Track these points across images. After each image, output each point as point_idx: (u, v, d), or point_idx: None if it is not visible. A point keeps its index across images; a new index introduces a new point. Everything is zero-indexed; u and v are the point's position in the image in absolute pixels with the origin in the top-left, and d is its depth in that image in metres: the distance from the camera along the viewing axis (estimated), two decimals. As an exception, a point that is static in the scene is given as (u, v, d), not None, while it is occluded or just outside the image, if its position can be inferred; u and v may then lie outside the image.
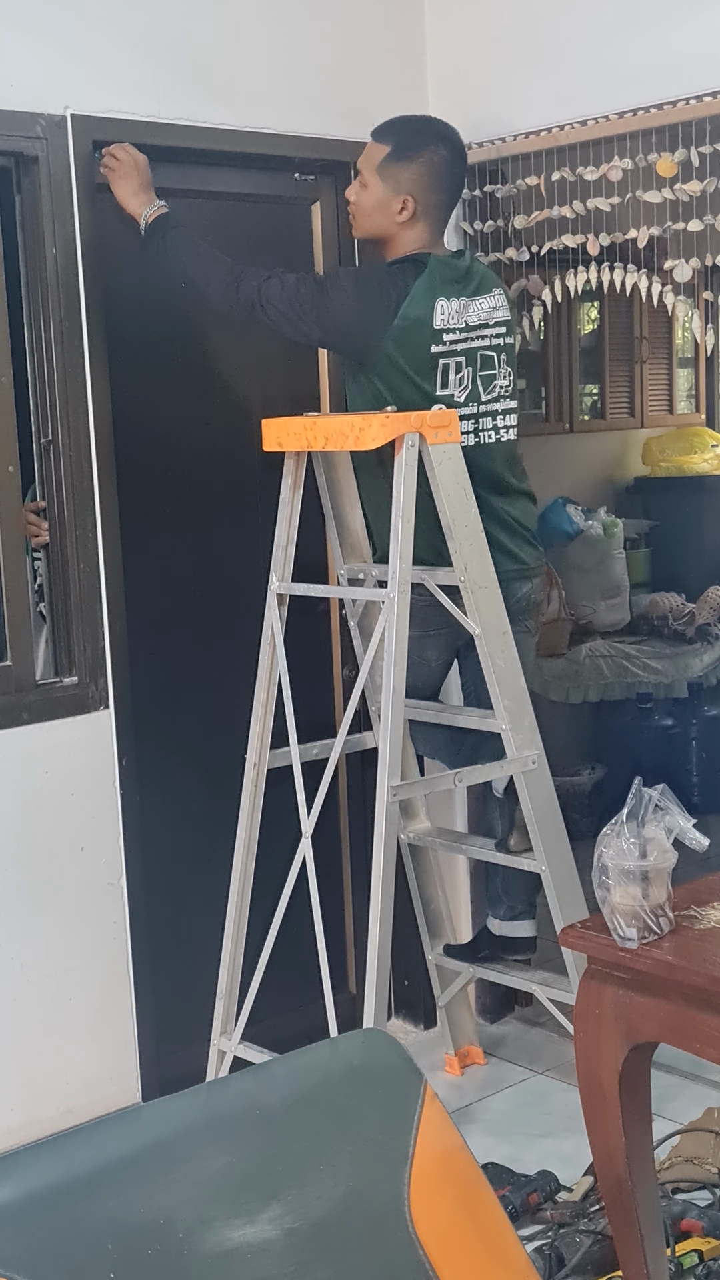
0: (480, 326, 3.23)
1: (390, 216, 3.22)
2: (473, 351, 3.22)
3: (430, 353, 3.15)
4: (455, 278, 3.20)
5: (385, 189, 3.21)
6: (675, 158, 3.23)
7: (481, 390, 3.25)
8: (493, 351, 3.26)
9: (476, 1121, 3.46)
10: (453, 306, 3.16)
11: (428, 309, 3.13)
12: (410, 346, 3.14)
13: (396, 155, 3.20)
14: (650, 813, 2.32)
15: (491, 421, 3.28)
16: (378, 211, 3.24)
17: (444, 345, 3.17)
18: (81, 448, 3.18)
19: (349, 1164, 1.57)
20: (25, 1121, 3.18)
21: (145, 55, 3.23)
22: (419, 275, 3.14)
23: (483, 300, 3.25)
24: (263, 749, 3.29)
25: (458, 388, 3.20)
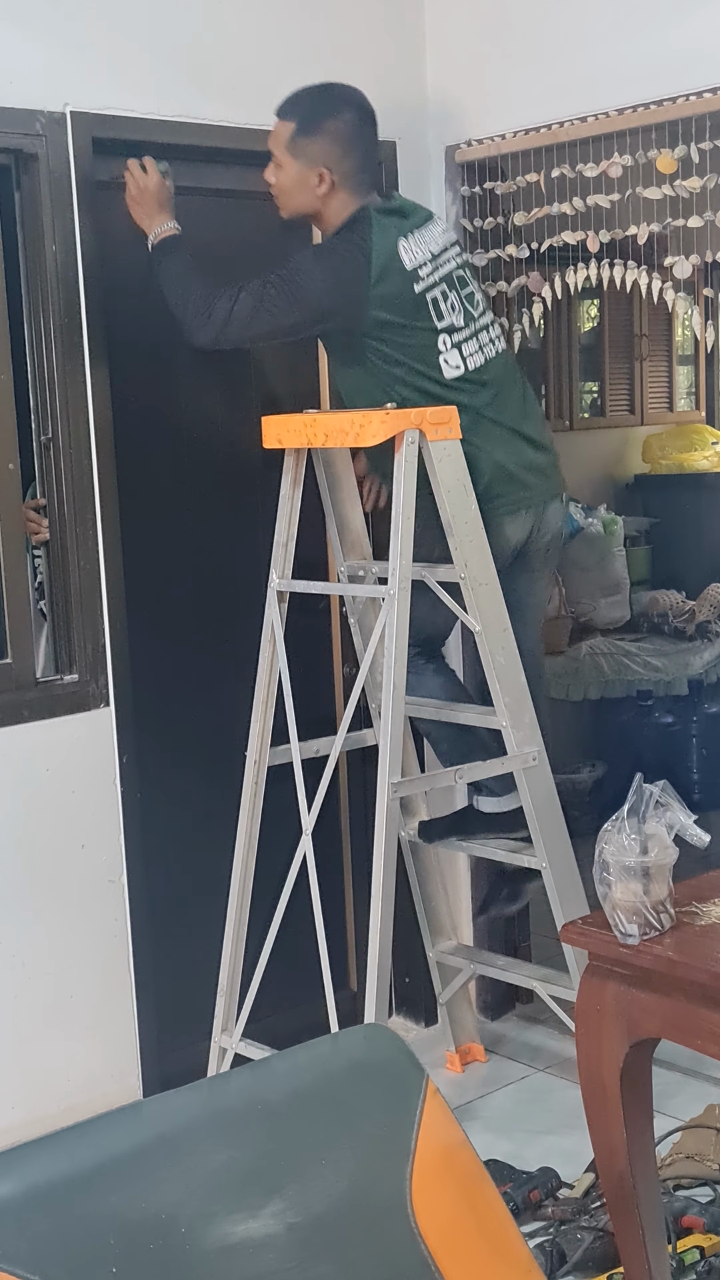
0: (442, 251, 3.21)
1: (311, 191, 3.18)
2: (449, 276, 3.20)
3: (415, 294, 3.13)
4: (398, 219, 3.18)
5: (299, 165, 3.17)
6: (675, 154, 3.23)
7: (470, 309, 3.23)
8: (461, 270, 3.25)
9: (478, 1118, 3.46)
10: (413, 241, 3.15)
11: (393, 254, 3.11)
12: (394, 297, 3.11)
13: (303, 130, 3.16)
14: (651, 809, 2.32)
15: (488, 334, 3.26)
16: (297, 189, 3.20)
17: (424, 281, 3.15)
18: (81, 445, 3.18)
19: (351, 1159, 1.57)
20: (26, 1119, 3.18)
21: (145, 52, 3.23)
22: (369, 230, 3.11)
23: (430, 227, 3.23)
24: (263, 746, 3.29)
25: (453, 315, 3.18)
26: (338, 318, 3.15)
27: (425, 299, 3.15)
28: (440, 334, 3.15)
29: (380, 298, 3.10)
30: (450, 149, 3.69)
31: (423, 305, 3.15)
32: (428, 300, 3.15)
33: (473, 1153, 1.67)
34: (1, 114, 3.01)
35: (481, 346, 3.24)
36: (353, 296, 3.10)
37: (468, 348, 3.20)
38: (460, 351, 3.19)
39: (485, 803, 3.47)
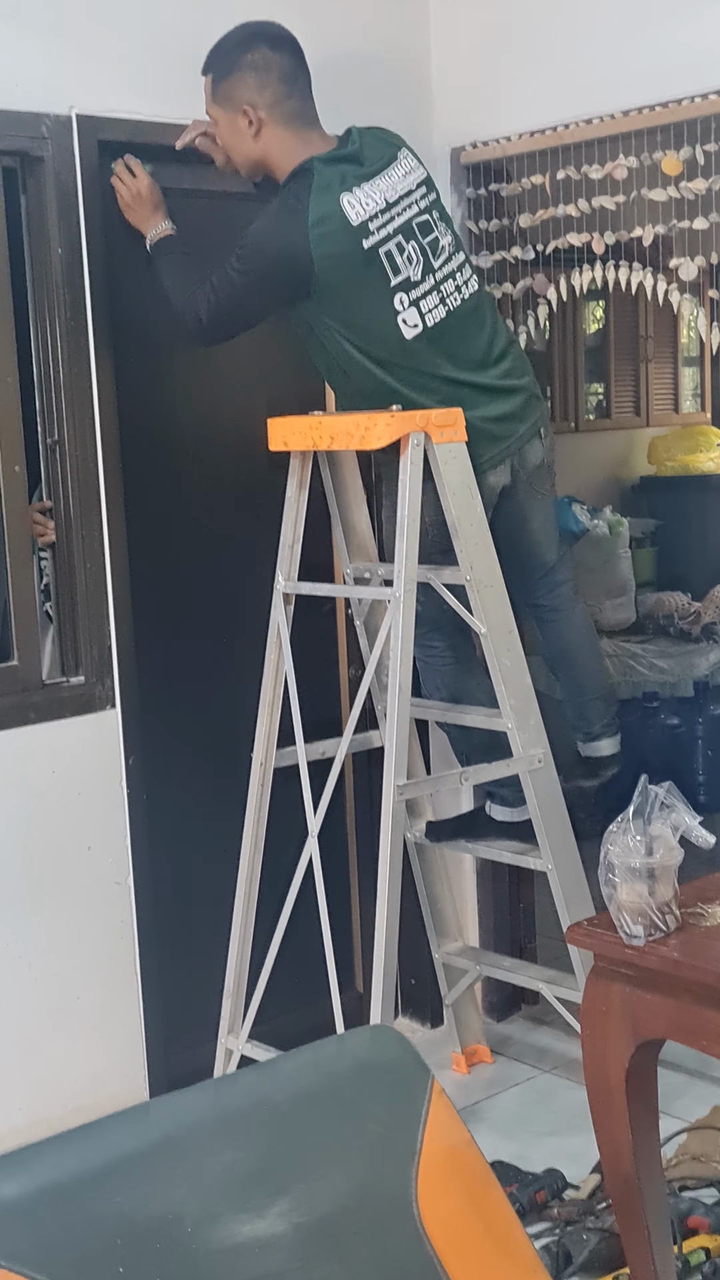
0: (402, 198, 3.10)
1: (245, 137, 3.10)
2: (407, 225, 3.09)
3: (364, 250, 3.03)
4: (348, 168, 3.07)
5: (226, 113, 3.11)
6: (680, 156, 3.24)
7: (432, 257, 3.13)
8: (425, 214, 3.14)
9: (484, 1120, 3.46)
10: (360, 195, 3.04)
11: (333, 211, 3.01)
12: (338, 256, 3.01)
13: (218, 76, 3.11)
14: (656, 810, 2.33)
15: (453, 283, 3.16)
16: (234, 139, 3.12)
17: (374, 235, 3.04)
18: (87, 448, 3.19)
19: (357, 1159, 1.57)
20: (32, 1120, 3.18)
21: (151, 55, 3.23)
22: (309, 186, 3.03)
23: (391, 171, 3.11)
24: (269, 748, 3.30)
25: (410, 267, 3.08)
26: (289, 284, 3.06)
27: (377, 254, 3.04)
28: (396, 292, 3.06)
29: (323, 258, 3.00)
30: (456, 151, 3.70)
31: (374, 261, 3.04)
32: (380, 255, 3.04)
33: (478, 1153, 1.67)
34: (7, 117, 3.01)
35: (445, 298, 3.13)
36: (294, 257, 3.00)
37: (427, 302, 3.10)
38: (419, 309, 3.09)
39: (499, 811, 3.48)
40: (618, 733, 3.62)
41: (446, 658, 3.41)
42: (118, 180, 3.19)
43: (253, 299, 3.12)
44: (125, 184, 3.19)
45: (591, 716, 3.58)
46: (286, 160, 3.10)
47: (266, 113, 3.09)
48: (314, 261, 3.01)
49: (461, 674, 3.44)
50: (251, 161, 3.17)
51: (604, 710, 3.61)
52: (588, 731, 3.58)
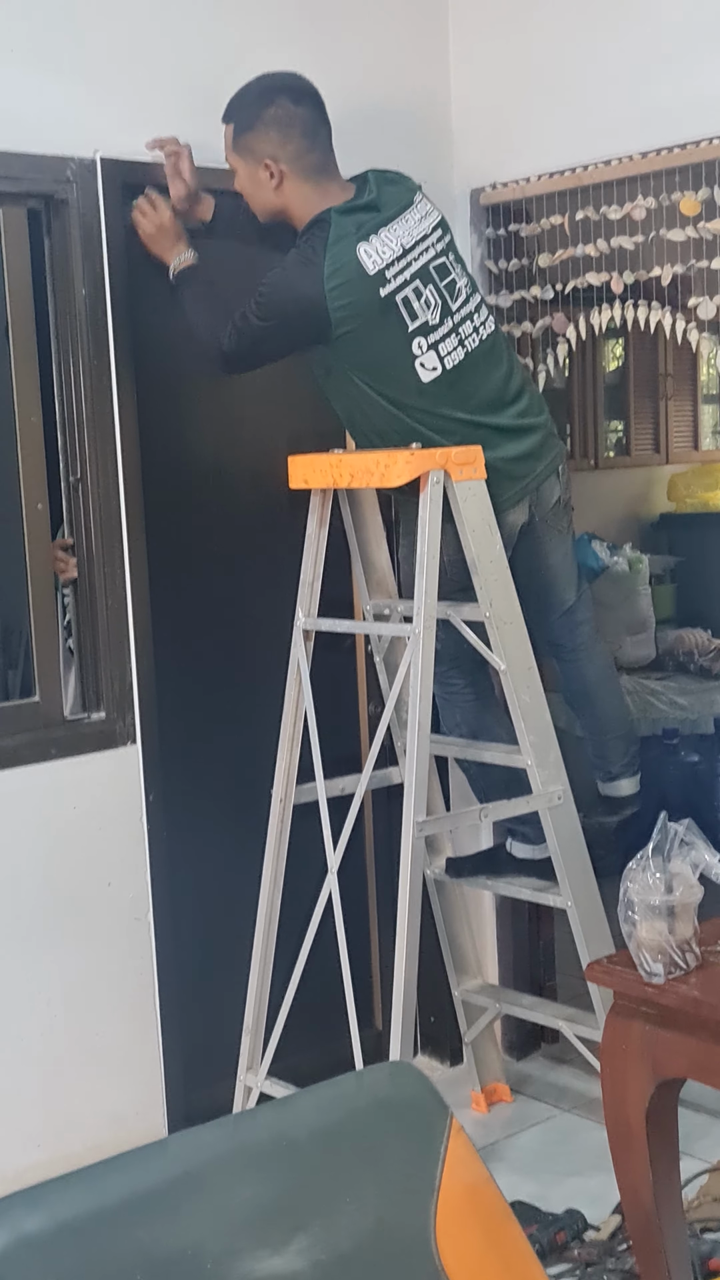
0: (418, 242, 3.13)
1: (266, 189, 3.15)
2: (424, 269, 3.13)
3: (381, 298, 3.06)
4: (364, 217, 3.10)
5: (248, 164, 3.15)
6: (698, 196, 3.26)
7: (450, 300, 3.16)
8: (441, 257, 3.17)
9: (503, 1159, 3.44)
10: (377, 242, 3.08)
11: (350, 261, 3.04)
12: (355, 306, 3.05)
13: (241, 128, 3.15)
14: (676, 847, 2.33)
15: (470, 324, 3.19)
16: (255, 189, 3.18)
17: (391, 283, 3.08)
18: (109, 485, 3.22)
19: (375, 1196, 1.57)
20: (52, 1157, 3.18)
21: (174, 99, 3.28)
22: (325, 237, 3.06)
23: (407, 216, 3.15)
24: (289, 784, 3.30)
25: (427, 310, 3.11)
26: (307, 332, 3.10)
27: (394, 300, 3.08)
28: (414, 337, 3.10)
29: (339, 309, 3.04)
30: (475, 192, 3.73)
31: (391, 308, 3.08)
32: (397, 301, 3.08)
33: (497, 1191, 1.67)
34: (33, 161, 3.06)
35: (463, 339, 3.17)
36: (310, 309, 3.05)
37: (446, 345, 3.13)
38: (438, 351, 3.12)
39: (519, 848, 3.48)
40: (638, 773, 3.61)
41: (466, 694, 3.42)
42: (139, 214, 3.22)
43: (271, 342, 3.16)
44: (146, 217, 3.22)
45: (611, 756, 3.58)
46: (305, 211, 3.15)
47: (288, 166, 3.14)
48: (330, 313, 3.05)
49: (481, 711, 3.45)
50: (270, 211, 3.22)
51: (624, 750, 3.61)
52: (608, 771, 3.57)
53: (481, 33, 3.70)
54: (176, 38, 3.27)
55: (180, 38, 3.27)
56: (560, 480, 3.37)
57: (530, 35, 3.58)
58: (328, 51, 3.47)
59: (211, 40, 3.32)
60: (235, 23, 3.36)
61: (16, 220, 3.09)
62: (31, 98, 3.06)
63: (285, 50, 3.39)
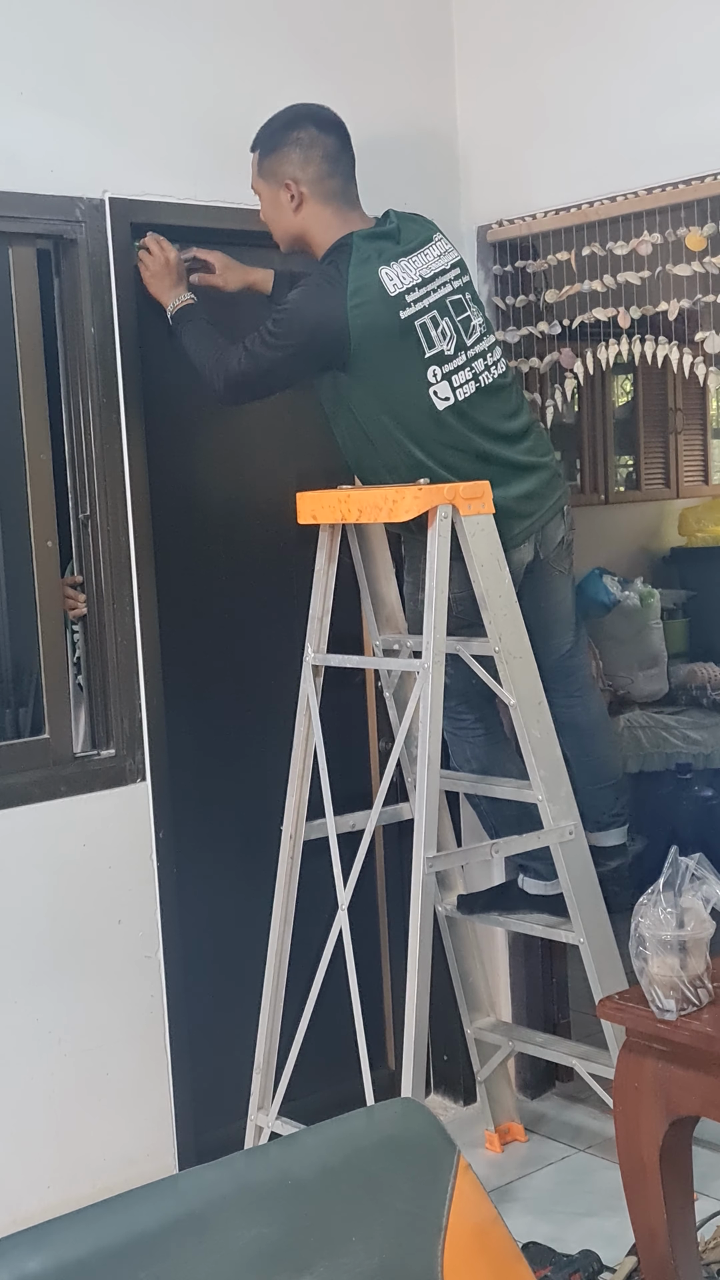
0: (437, 275, 3.17)
1: (286, 210, 3.19)
2: (441, 301, 3.16)
3: (401, 320, 3.09)
4: (386, 244, 3.15)
5: (271, 187, 3.19)
6: (704, 231, 3.27)
7: (464, 335, 3.19)
8: (459, 294, 3.21)
9: (518, 1200, 3.41)
10: (398, 268, 3.12)
11: (372, 281, 3.08)
12: (376, 324, 3.07)
13: (265, 152, 3.19)
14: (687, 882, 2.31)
15: (483, 362, 3.22)
16: (276, 213, 3.21)
17: (411, 307, 3.11)
18: (119, 522, 3.22)
19: (382, 1235, 1.55)
20: (61, 1199, 3.15)
21: (181, 139, 3.30)
22: (349, 257, 3.10)
23: (426, 251, 3.19)
24: (299, 821, 3.29)
25: (444, 342, 3.14)
26: (325, 353, 3.11)
27: (413, 325, 3.11)
28: (430, 364, 3.12)
29: (360, 329, 3.06)
30: (482, 229, 3.75)
31: (410, 332, 3.10)
32: (415, 326, 3.11)
33: (505, 1231, 1.65)
34: (43, 201, 3.08)
35: (476, 374, 3.19)
36: (332, 327, 3.06)
37: (459, 377, 3.15)
38: (450, 382, 3.14)
39: (531, 884, 3.46)
40: (626, 823, 3.54)
41: (476, 730, 3.41)
42: (144, 254, 3.24)
43: (285, 366, 3.15)
44: (153, 256, 3.24)
45: (602, 804, 3.51)
46: (325, 236, 3.18)
47: (308, 188, 3.17)
48: (351, 332, 3.06)
49: (491, 746, 3.44)
50: (291, 236, 3.24)
51: (614, 799, 3.55)
52: (596, 820, 3.49)
53: (487, 71, 3.73)
54: (185, 79, 3.30)
55: (188, 79, 3.30)
56: (565, 520, 3.37)
57: (536, 73, 3.61)
58: (336, 92, 3.49)
59: (220, 81, 3.36)
60: (244, 64, 3.39)
61: (26, 260, 3.11)
62: (40, 139, 3.09)
63: (293, 91, 3.42)
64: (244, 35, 3.39)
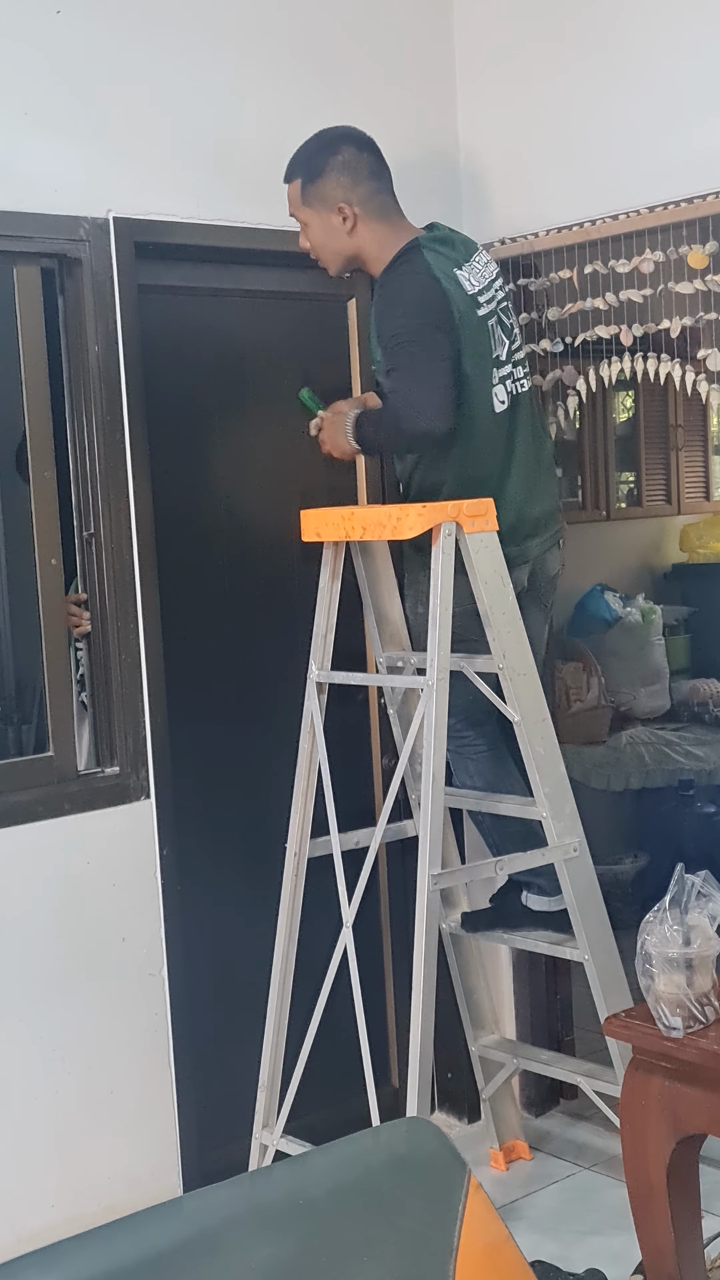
0: (489, 284, 3.23)
1: (340, 233, 3.21)
2: (494, 309, 3.23)
3: (479, 316, 3.16)
4: (447, 249, 3.19)
5: (320, 214, 3.21)
6: (706, 250, 3.28)
7: (508, 342, 3.25)
8: (505, 307, 3.28)
9: (523, 1218, 3.40)
10: (465, 272, 3.18)
11: (454, 278, 3.14)
12: (466, 317, 3.12)
13: (309, 179, 3.21)
14: (693, 899, 2.31)
15: (522, 370, 3.29)
16: (329, 237, 3.23)
17: (484, 308, 3.18)
18: (123, 540, 3.23)
19: (393, 1255, 1.54)
20: (66, 1218, 3.14)
21: (185, 159, 3.32)
22: (424, 257, 3.12)
23: (476, 260, 3.25)
24: (303, 838, 3.29)
25: (499, 347, 3.20)
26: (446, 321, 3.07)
27: (487, 324, 3.17)
28: (493, 366, 3.19)
29: (460, 313, 3.11)
30: (484, 247, 3.74)
31: (484, 329, 3.16)
32: (489, 325, 3.17)
33: (516, 1249, 1.64)
34: (47, 220, 3.09)
35: (516, 381, 3.26)
36: (435, 297, 3.08)
37: (508, 386, 3.23)
38: (505, 387, 3.23)
39: (535, 901, 3.45)
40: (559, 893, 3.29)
41: (478, 747, 3.41)
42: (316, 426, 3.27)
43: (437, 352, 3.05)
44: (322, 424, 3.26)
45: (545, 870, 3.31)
46: (383, 251, 3.20)
47: (360, 208, 3.20)
48: (454, 308, 3.09)
49: (494, 763, 3.43)
50: (345, 258, 3.27)
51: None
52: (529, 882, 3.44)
53: (490, 91, 3.74)
54: (189, 98, 3.31)
55: (192, 99, 3.32)
56: (559, 554, 3.41)
57: (538, 93, 3.63)
58: (339, 111, 3.51)
59: (224, 101, 3.37)
60: (248, 84, 3.41)
61: (31, 279, 3.12)
62: (45, 158, 3.10)
63: (295, 110, 3.44)
64: (248, 55, 3.41)
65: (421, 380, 3.05)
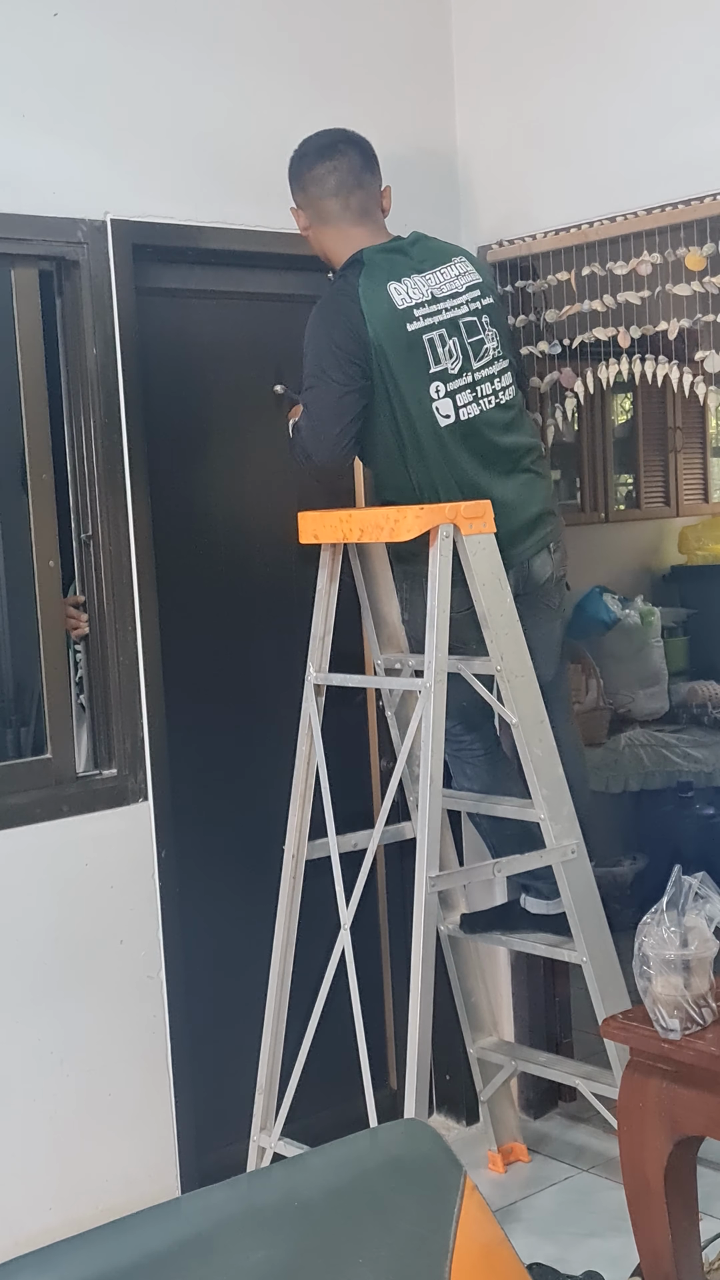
0: (450, 296, 3.22)
1: (313, 231, 3.30)
2: (453, 321, 3.20)
3: (408, 332, 3.14)
4: (396, 260, 3.20)
5: (299, 210, 3.31)
6: (703, 251, 3.28)
7: (473, 357, 3.22)
8: (473, 316, 3.24)
9: (521, 1220, 3.40)
10: (406, 285, 3.17)
11: (381, 295, 3.14)
12: (386, 333, 3.12)
13: (293, 176, 3.29)
14: (691, 901, 2.31)
15: (490, 386, 3.24)
16: (304, 233, 3.33)
17: (418, 322, 3.15)
18: (120, 542, 3.23)
19: (389, 1257, 1.54)
20: (64, 1220, 3.14)
21: (182, 161, 3.32)
22: (358, 271, 3.16)
23: (443, 270, 3.24)
24: (301, 840, 3.29)
25: (449, 360, 3.17)
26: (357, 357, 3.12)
27: (420, 339, 3.14)
28: (433, 380, 3.15)
29: (376, 334, 3.12)
30: (482, 249, 3.76)
31: (417, 345, 3.14)
32: (423, 340, 3.15)
33: (512, 1251, 1.64)
34: (45, 223, 3.09)
35: (479, 397, 3.22)
36: (352, 329, 3.11)
37: (462, 397, 3.18)
38: (454, 400, 3.17)
39: (533, 904, 3.45)
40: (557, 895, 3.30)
41: (475, 750, 3.41)
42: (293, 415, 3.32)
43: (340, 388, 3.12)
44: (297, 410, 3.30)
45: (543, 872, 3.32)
46: (346, 251, 3.23)
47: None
48: (369, 329, 3.11)
49: (492, 766, 3.43)
50: (324, 256, 3.32)
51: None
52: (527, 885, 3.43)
53: (487, 93, 3.75)
54: (187, 101, 3.31)
55: (190, 101, 3.32)
56: (553, 557, 3.36)
57: (535, 95, 3.63)
58: (336, 114, 3.51)
59: (222, 104, 3.37)
60: (246, 87, 3.41)
61: (28, 281, 3.12)
62: (43, 161, 3.10)
63: (292, 113, 3.44)
64: (246, 59, 3.41)
65: (314, 419, 3.16)
